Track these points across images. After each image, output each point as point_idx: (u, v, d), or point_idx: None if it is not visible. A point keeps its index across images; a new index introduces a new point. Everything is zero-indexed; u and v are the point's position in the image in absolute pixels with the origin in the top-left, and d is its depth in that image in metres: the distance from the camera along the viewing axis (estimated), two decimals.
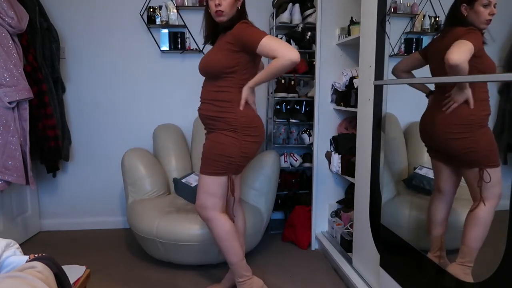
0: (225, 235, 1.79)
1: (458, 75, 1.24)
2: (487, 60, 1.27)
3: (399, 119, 1.87)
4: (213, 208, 1.78)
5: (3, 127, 2.12)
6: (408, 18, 1.75)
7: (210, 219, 1.79)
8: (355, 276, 2.04)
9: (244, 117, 1.74)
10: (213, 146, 1.75)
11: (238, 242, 1.83)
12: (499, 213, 1.27)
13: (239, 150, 1.73)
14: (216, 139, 1.75)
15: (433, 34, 1.63)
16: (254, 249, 2.49)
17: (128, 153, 2.54)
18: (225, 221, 1.79)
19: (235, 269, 1.84)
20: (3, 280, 0.82)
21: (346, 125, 2.53)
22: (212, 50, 1.79)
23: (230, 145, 1.72)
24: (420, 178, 1.73)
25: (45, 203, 2.93)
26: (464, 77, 1.25)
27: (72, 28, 2.80)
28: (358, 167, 2.06)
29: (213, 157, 1.74)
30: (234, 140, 1.73)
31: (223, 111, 1.74)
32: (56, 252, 2.53)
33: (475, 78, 1.28)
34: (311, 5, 2.72)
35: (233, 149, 1.72)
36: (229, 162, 1.73)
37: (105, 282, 2.14)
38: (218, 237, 1.80)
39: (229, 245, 1.80)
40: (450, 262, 1.43)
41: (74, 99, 2.87)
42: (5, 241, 1.01)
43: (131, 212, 2.36)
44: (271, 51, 1.61)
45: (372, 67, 1.84)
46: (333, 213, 2.62)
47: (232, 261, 1.83)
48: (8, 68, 2.11)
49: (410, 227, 1.74)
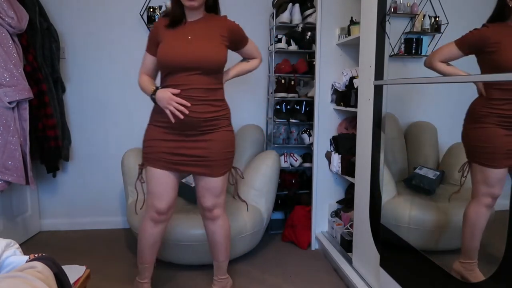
0: (229, 231, 1.90)
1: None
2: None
3: (399, 119, 1.87)
4: (225, 206, 1.85)
5: (3, 127, 2.12)
6: (408, 18, 1.76)
7: (223, 217, 1.85)
8: (355, 276, 2.04)
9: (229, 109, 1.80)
10: (223, 146, 1.72)
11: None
12: (499, 213, 1.27)
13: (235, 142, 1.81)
14: (223, 138, 1.72)
15: (433, 34, 1.63)
16: (254, 249, 2.49)
17: (128, 153, 2.54)
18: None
19: (225, 265, 1.93)
20: (3, 280, 0.82)
21: (346, 125, 2.53)
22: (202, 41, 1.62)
23: (234, 140, 1.78)
24: (420, 178, 1.73)
25: (45, 203, 2.93)
26: (465, 77, 1.25)
27: (72, 28, 2.80)
28: (358, 167, 2.06)
29: (226, 156, 1.74)
30: (233, 134, 1.79)
31: (222, 108, 1.72)
32: (56, 252, 2.53)
33: (475, 78, 1.28)
34: (311, 5, 2.72)
35: (234, 143, 1.80)
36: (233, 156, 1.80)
37: (105, 282, 2.14)
38: (225, 234, 1.86)
39: (229, 243, 1.90)
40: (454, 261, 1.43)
41: (74, 99, 2.87)
42: (5, 241, 1.01)
43: (131, 212, 2.36)
44: (255, 50, 1.85)
45: (372, 67, 1.84)
46: (333, 213, 2.62)
47: (226, 258, 1.91)
48: (8, 68, 2.11)
49: (410, 227, 1.74)
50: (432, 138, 1.75)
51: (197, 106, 1.61)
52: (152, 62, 1.74)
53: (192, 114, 1.61)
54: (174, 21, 1.66)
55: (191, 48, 1.60)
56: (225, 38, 1.68)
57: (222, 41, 1.67)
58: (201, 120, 1.64)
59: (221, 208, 1.82)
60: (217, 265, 1.91)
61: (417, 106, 1.81)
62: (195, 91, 1.61)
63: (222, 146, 1.71)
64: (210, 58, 1.61)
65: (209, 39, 1.64)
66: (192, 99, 1.60)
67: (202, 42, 1.63)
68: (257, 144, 2.76)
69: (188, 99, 1.59)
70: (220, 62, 1.66)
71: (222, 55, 1.66)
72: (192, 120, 1.62)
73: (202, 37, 1.64)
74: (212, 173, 1.71)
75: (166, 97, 1.58)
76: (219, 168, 1.72)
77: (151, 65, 1.75)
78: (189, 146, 1.67)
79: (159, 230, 1.79)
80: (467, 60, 1.47)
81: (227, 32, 1.69)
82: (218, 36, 1.66)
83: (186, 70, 1.59)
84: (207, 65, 1.61)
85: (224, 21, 1.71)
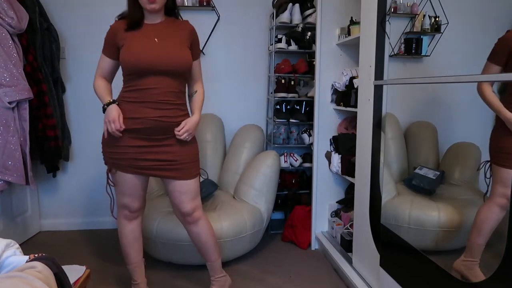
0: (213, 229, 1.87)
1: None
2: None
3: (399, 119, 1.87)
4: (201, 207, 1.82)
5: (3, 127, 2.12)
6: (408, 18, 1.76)
7: (203, 217, 1.81)
8: (355, 276, 2.04)
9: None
10: (192, 148, 1.72)
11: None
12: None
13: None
14: (191, 140, 1.71)
15: (433, 34, 1.63)
16: (254, 249, 2.49)
17: None
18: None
19: (218, 264, 1.90)
20: (3, 280, 0.82)
21: (346, 125, 2.53)
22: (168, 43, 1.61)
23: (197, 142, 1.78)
24: (420, 178, 1.73)
25: (45, 203, 2.93)
26: (465, 77, 1.25)
27: (72, 28, 2.80)
28: (358, 167, 2.06)
29: (195, 158, 1.74)
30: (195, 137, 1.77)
31: (187, 113, 1.72)
32: (56, 252, 2.53)
33: (475, 78, 1.28)
34: (311, 5, 2.72)
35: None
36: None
37: (105, 282, 2.14)
38: (210, 233, 1.84)
39: (216, 240, 1.87)
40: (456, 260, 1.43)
41: (74, 99, 2.87)
42: (5, 241, 1.01)
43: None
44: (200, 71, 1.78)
45: (372, 67, 1.84)
46: (333, 213, 2.62)
47: (218, 256, 1.89)
48: (8, 68, 2.11)
49: (410, 227, 1.74)
50: (432, 138, 1.75)
51: (168, 110, 1.61)
52: (109, 65, 1.71)
53: (164, 119, 1.60)
54: (133, 23, 1.62)
55: (159, 50, 1.57)
56: (188, 42, 1.67)
57: (187, 45, 1.66)
58: (173, 124, 1.63)
59: (200, 209, 1.78)
60: (211, 265, 1.89)
61: (417, 106, 1.81)
62: (166, 94, 1.60)
63: (190, 149, 1.70)
64: (180, 61, 1.60)
65: (174, 42, 1.62)
66: (163, 102, 1.59)
67: (169, 45, 1.61)
68: (257, 144, 2.77)
69: (159, 103, 1.58)
70: (189, 65, 1.66)
71: (190, 58, 1.66)
72: (164, 125, 1.61)
73: (168, 40, 1.62)
74: (185, 176, 1.69)
75: (113, 115, 1.57)
76: (192, 170, 1.71)
77: (108, 67, 1.72)
78: (157, 151, 1.64)
79: (135, 226, 1.82)
80: (468, 59, 1.47)
81: (190, 36, 1.69)
82: (183, 39, 1.65)
83: (155, 73, 1.57)
84: (177, 68, 1.60)
85: (187, 25, 1.71)
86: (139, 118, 1.59)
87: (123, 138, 1.63)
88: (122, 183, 1.71)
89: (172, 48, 1.60)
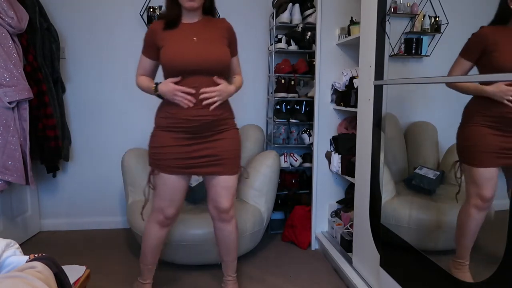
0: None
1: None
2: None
3: (399, 119, 1.87)
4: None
5: (3, 127, 2.12)
6: (408, 18, 1.76)
7: (235, 216, 1.84)
8: (355, 276, 2.04)
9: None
10: (234, 144, 1.72)
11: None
12: (499, 213, 1.27)
13: None
14: (233, 137, 1.73)
15: (433, 34, 1.63)
16: (254, 249, 2.49)
17: (128, 153, 2.54)
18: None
19: (235, 263, 1.92)
20: (3, 280, 0.82)
21: (346, 125, 2.53)
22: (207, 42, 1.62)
23: (240, 139, 1.78)
24: (420, 178, 1.73)
25: (45, 203, 2.93)
26: (465, 77, 1.25)
27: (72, 28, 2.80)
28: (358, 167, 2.06)
29: (237, 154, 1.75)
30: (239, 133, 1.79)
31: (229, 107, 1.75)
32: (56, 252, 2.53)
33: (475, 78, 1.28)
34: (311, 5, 2.72)
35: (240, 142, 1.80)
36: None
37: (105, 282, 2.14)
38: (238, 233, 1.86)
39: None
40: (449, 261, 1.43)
41: (74, 99, 2.87)
42: (5, 241, 1.00)
43: (131, 212, 2.36)
44: (239, 65, 1.81)
45: (372, 67, 1.84)
46: (333, 213, 2.62)
47: (237, 255, 1.91)
48: (8, 68, 2.11)
49: (410, 227, 1.74)
50: (432, 138, 1.75)
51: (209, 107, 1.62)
52: (149, 65, 1.73)
53: (208, 117, 1.61)
54: (171, 22, 1.63)
55: (199, 49, 1.59)
56: (226, 40, 1.68)
57: (224, 43, 1.67)
58: (214, 121, 1.64)
59: (233, 208, 1.81)
60: (230, 264, 1.90)
61: (417, 106, 1.81)
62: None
63: (232, 144, 1.71)
64: (219, 59, 1.62)
65: (213, 41, 1.64)
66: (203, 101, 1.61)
67: (208, 44, 1.62)
68: (257, 144, 2.77)
69: (201, 101, 1.59)
70: (228, 64, 1.68)
71: (228, 56, 1.67)
72: (208, 123, 1.63)
73: (206, 38, 1.63)
74: (227, 171, 1.71)
75: (170, 89, 1.57)
76: (233, 166, 1.72)
77: (149, 68, 1.74)
78: (201, 148, 1.66)
79: (164, 233, 1.82)
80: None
81: (227, 33, 1.70)
82: (221, 37, 1.66)
83: (196, 72, 1.58)
84: (217, 66, 1.61)
85: (224, 22, 1.72)
86: (182, 118, 1.60)
87: (167, 138, 1.65)
88: (163, 186, 1.70)
89: (211, 46, 1.61)
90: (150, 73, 1.76)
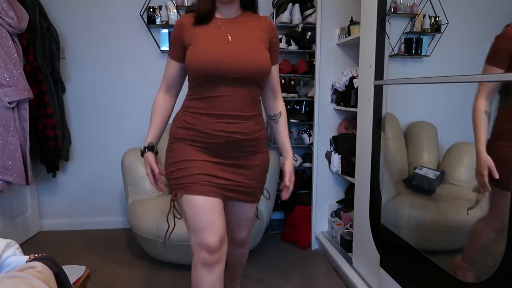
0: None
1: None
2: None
3: (399, 119, 1.87)
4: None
5: (3, 127, 2.12)
6: (408, 18, 1.76)
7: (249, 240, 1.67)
8: (355, 276, 2.04)
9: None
10: (264, 170, 1.47)
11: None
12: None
13: None
14: (264, 162, 1.46)
15: (433, 34, 1.63)
16: (254, 249, 2.49)
17: (128, 153, 2.54)
18: None
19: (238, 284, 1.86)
20: (3, 280, 0.82)
21: (346, 125, 2.53)
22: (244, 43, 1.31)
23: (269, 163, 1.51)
24: (420, 178, 1.73)
25: (45, 203, 2.93)
26: (465, 77, 1.25)
27: (72, 28, 2.80)
28: (358, 167, 2.06)
29: (265, 180, 1.50)
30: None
31: (263, 126, 1.42)
32: (56, 252, 2.53)
33: (475, 78, 1.28)
34: (311, 5, 2.72)
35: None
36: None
37: (105, 282, 2.14)
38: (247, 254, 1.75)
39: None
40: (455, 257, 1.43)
41: (74, 99, 2.87)
42: (5, 241, 1.01)
43: (131, 212, 2.36)
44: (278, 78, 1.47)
45: (372, 67, 1.84)
46: (333, 213, 2.62)
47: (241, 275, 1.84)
48: (8, 68, 2.12)
49: (410, 227, 1.74)
50: (432, 138, 1.75)
51: (241, 124, 1.31)
52: (176, 70, 1.39)
53: (236, 135, 1.31)
54: (203, 16, 1.31)
55: (232, 51, 1.27)
56: (267, 43, 1.35)
57: (265, 46, 1.35)
58: (246, 141, 1.34)
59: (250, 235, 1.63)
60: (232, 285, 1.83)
61: (417, 106, 1.81)
62: (238, 105, 1.30)
63: (263, 171, 1.46)
64: (258, 66, 1.29)
65: (251, 42, 1.32)
66: (235, 116, 1.30)
67: (244, 45, 1.30)
68: None
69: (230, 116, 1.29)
70: (267, 71, 1.34)
71: (269, 62, 1.34)
72: (236, 142, 1.32)
73: (244, 38, 1.31)
74: (253, 200, 1.47)
75: (146, 169, 1.39)
76: (260, 193, 1.50)
77: (175, 74, 1.39)
78: (232, 171, 1.36)
79: (216, 277, 1.30)
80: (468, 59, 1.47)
81: (269, 35, 1.37)
82: (262, 39, 1.34)
83: (226, 79, 1.26)
84: (254, 74, 1.29)
85: (266, 20, 1.39)
86: (202, 131, 1.31)
87: (191, 151, 1.33)
88: (193, 208, 1.29)
89: (248, 48, 1.30)
90: (176, 82, 1.42)
